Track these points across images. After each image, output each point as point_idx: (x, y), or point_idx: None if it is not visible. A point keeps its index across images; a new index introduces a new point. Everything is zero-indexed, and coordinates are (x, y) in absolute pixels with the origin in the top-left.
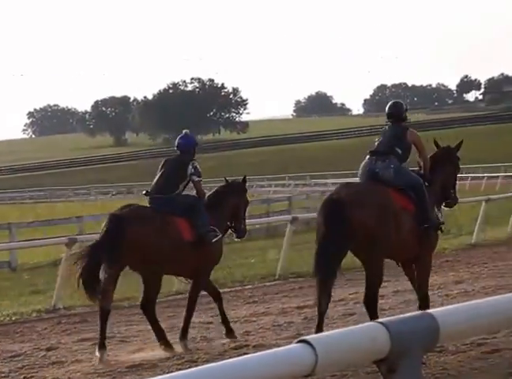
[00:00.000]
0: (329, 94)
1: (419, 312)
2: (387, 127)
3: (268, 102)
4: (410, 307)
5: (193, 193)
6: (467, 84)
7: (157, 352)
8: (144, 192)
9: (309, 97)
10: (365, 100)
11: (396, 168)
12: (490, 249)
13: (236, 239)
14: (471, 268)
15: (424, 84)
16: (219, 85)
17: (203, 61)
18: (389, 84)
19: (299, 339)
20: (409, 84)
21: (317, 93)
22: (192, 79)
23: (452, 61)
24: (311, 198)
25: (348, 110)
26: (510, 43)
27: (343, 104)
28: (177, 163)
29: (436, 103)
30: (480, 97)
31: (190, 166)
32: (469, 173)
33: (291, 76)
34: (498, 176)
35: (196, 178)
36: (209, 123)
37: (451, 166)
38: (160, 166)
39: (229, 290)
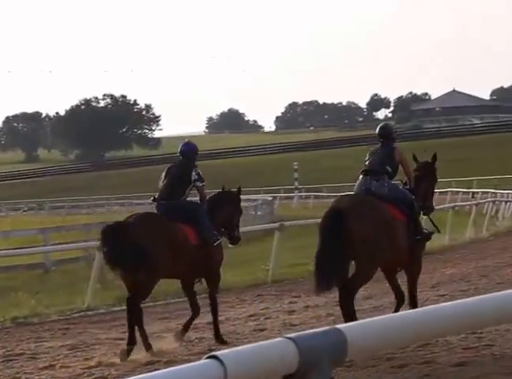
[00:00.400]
0: (241, 111)
1: (328, 327)
2: (377, 147)
3: (180, 118)
4: (321, 322)
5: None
6: (377, 103)
7: (66, 369)
8: (151, 198)
9: (221, 114)
10: (277, 117)
11: (389, 186)
12: None
13: (230, 245)
14: (380, 284)
15: (335, 102)
16: (131, 102)
17: (116, 77)
18: (300, 101)
19: (208, 354)
20: (320, 102)
21: (229, 110)
22: (104, 95)
23: (362, 80)
24: None
25: (260, 127)
26: (417, 63)
27: (255, 121)
28: (181, 169)
29: (346, 121)
30: (390, 115)
31: (194, 173)
32: None
33: (203, 92)
34: None
35: (199, 184)
36: (122, 139)
37: (431, 179)
38: (164, 174)
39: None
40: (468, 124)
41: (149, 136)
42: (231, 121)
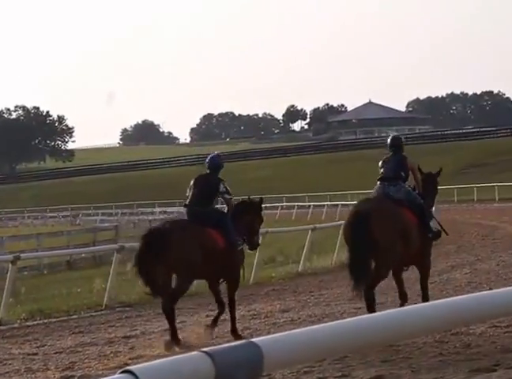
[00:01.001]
0: (156, 122)
1: (244, 341)
2: (389, 156)
3: (94, 130)
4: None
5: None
6: (293, 114)
7: None
8: (183, 204)
9: (136, 126)
10: (192, 129)
11: (405, 190)
12: (316, 278)
13: (249, 250)
14: (297, 297)
15: (251, 114)
16: (44, 113)
17: (28, 88)
18: (215, 113)
19: (123, 369)
20: (236, 114)
21: (144, 122)
22: (16, 106)
23: (278, 91)
24: (138, 227)
25: (176, 138)
26: (334, 74)
27: (170, 133)
28: (208, 180)
29: (262, 133)
30: (306, 127)
31: (222, 186)
32: (296, 202)
33: (117, 104)
34: (324, 205)
35: (227, 196)
36: (34, 151)
37: (433, 189)
38: (192, 183)
39: (54, 320)
40: (384, 136)
41: (62, 148)
42: (145, 132)
